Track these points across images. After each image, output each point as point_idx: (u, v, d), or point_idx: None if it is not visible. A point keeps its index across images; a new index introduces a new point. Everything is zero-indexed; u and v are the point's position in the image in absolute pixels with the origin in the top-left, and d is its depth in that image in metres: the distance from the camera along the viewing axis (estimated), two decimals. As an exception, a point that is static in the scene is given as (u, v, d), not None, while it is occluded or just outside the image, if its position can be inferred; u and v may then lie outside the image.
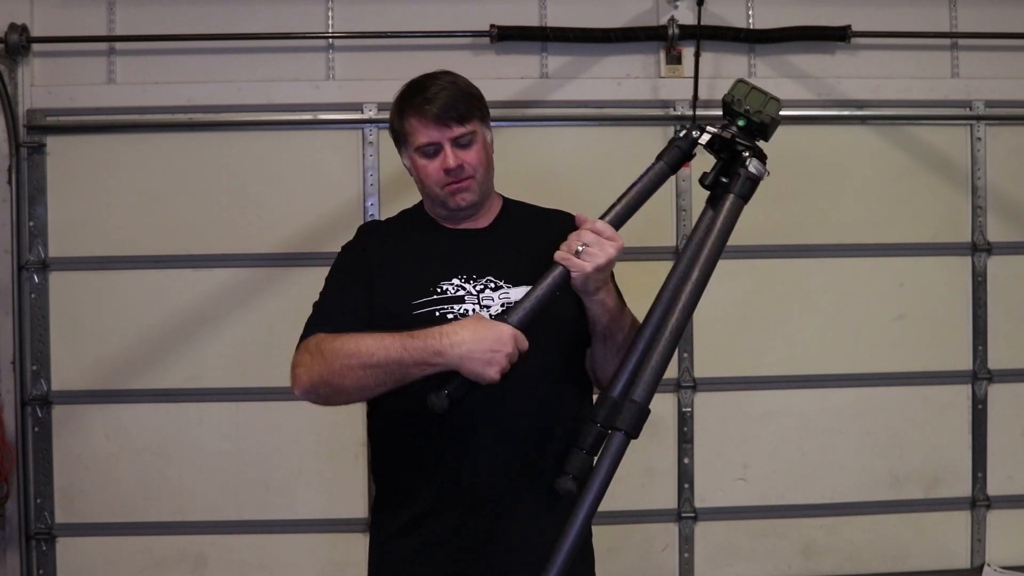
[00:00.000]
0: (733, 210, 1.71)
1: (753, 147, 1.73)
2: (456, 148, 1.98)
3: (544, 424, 1.95)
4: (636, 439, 1.64)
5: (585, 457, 1.69)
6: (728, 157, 1.75)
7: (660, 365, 1.65)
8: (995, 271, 3.78)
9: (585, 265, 1.76)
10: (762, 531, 3.76)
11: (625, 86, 3.68)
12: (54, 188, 3.59)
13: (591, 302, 1.86)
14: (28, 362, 3.58)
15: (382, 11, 3.64)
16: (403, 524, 1.99)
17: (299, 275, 3.57)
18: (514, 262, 1.98)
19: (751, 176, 1.71)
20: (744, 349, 3.73)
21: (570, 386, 2.02)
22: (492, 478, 1.92)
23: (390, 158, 3.59)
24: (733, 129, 1.74)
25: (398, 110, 2.04)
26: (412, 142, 2.01)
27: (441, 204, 2.03)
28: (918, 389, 3.78)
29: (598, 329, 1.91)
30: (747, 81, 1.75)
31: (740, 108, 1.73)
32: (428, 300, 1.94)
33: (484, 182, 2.02)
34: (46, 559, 3.59)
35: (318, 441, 3.63)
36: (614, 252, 1.78)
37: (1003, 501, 3.79)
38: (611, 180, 3.58)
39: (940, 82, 3.76)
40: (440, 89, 1.99)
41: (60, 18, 3.56)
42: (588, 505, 1.60)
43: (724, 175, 1.75)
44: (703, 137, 1.75)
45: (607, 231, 1.78)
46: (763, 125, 1.73)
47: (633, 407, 1.62)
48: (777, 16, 3.70)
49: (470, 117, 1.99)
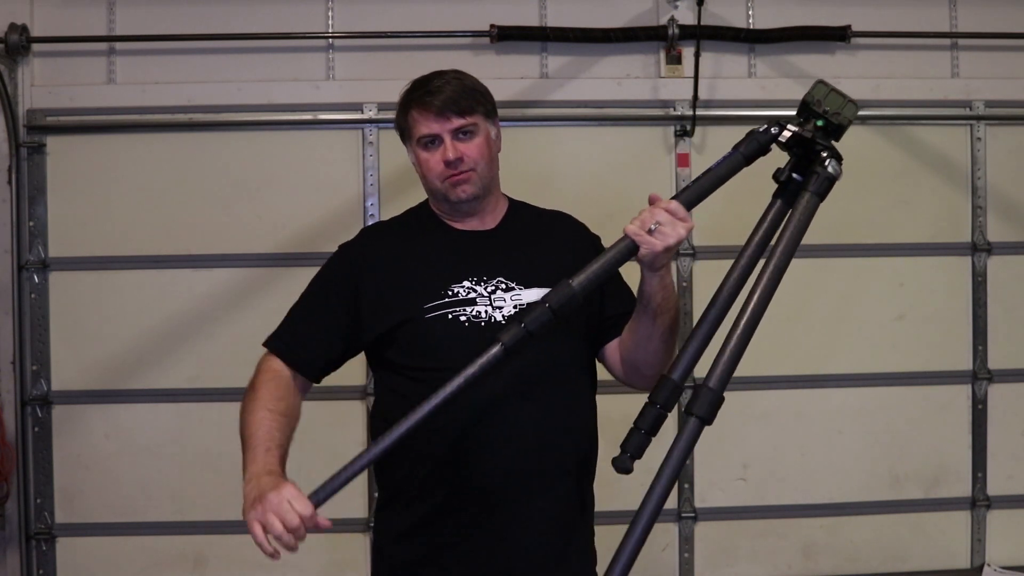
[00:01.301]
0: (811, 207, 1.74)
1: (831, 148, 1.75)
2: (456, 140, 1.98)
3: (556, 423, 1.95)
4: (710, 425, 1.65)
5: (643, 437, 1.68)
6: (802, 155, 1.76)
7: (737, 354, 1.67)
8: (995, 271, 3.78)
9: (656, 243, 1.76)
10: (762, 531, 3.76)
11: (625, 86, 3.68)
12: (54, 188, 3.59)
13: (652, 277, 1.85)
14: (28, 362, 3.58)
15: (382, 11, 3.64)
16: (410, 525, 1.98)
17: (299, 275, 3.52)
18: (523, 263, 1.98)
19: (830, 176, 1.74)
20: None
21: (583, 385, 2.02)
22: (503, 478, 1.91)
23: (390, 158, 3.61)
24: (811, 129, 1.75)
25: (402, 104, 2.05)
26: (414, 134, 2.02)
27: (443, 198, 2.03)
28: (918, 389, 3.78)
29: (651, 306, 1.89)
30: (826, 82, 1.76)
31: (819, 109, 1.74)
32: (439, 303, 1.94)
33: (486, 176, 2.02)
34: (46, 559, 3.59)
35: (318, 441, 3.62)
36: (685, 233, 1.77)
37: (1003, 501, 3.79)
38: (611, 180, 3.63)
39: (940, 82, 3.76)
40: (444, 84, 2.01)
41: (60, 18, 3.56)
42: (661, 488, 1.60)
43: (797, 171, 1.77)
44: (784, 134, 1.75)
45: (681, 212, 1.77)
46: (840, 127, 1.75)
47: (710, 394, 1.64)
48: (777, 16, 3.70)
49: (472, 111, 2.00)
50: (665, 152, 3.69)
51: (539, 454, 1.93)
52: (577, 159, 3.68)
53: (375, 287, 2.00)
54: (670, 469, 1.61)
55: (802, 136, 1.75)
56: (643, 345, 1.94)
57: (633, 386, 2.02)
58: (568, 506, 1.98)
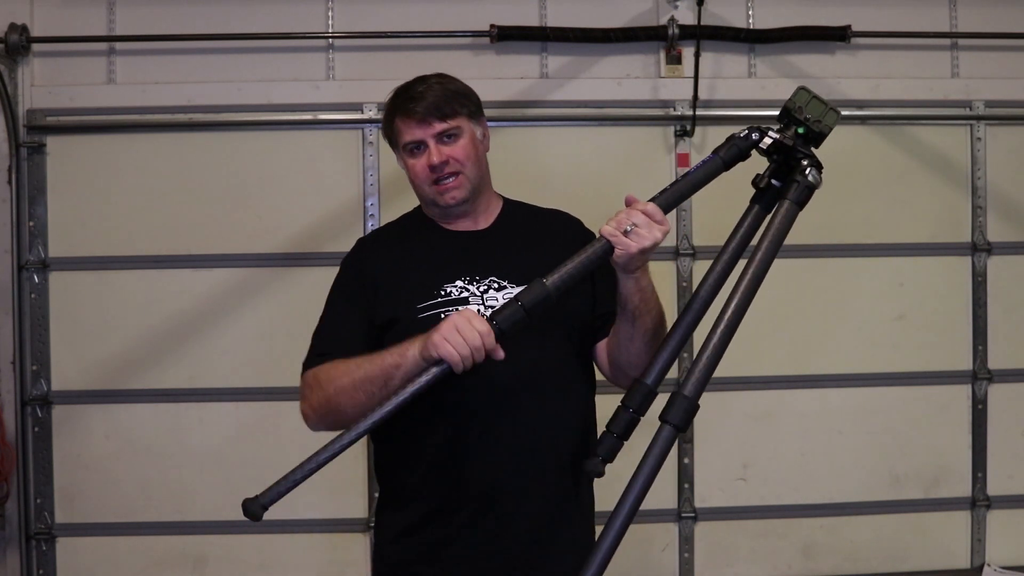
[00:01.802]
0: (790, 215, 1.71)
1: (811, 155, 1.74)
2: (440, 144, 1.99)
3: (554, 421, 1.95)
4: (684, 433, 1.64)
5: (615, 441, 1.68)
6: (782, 161, 1.75)
7: (712, 362, 1.64)
8: (995, 271, 3.78)
9: (632, 245, 1.76)
10: (762, 531, 3.76)
11: (625, 86, 3.68)
12: (54, 188, 3.59)
13: (627, 279, 1.85)
14: (28, 362, 3.57)
15: (382, 11, 3.64)
16: (409, 524, 1.98)
17: (299, 275, 3.57)
18: (516, 262, 1.99)
19: (810, 185, 1.72)
20: (744, 349, 3.69)
21: (579, 383, 2.03)
22: (502, 477, 1.92)
23: (390, 158, 3.57)
24: (792, 136, 1.74)
25: (387, 113, 2.07)
26: (399, 142, 2.04)
27: (432, 203, 2.05)
28: (918, 389, 3.78)
29: (628, 308, 1.89)
30: (808, 89, 1.75)
31: (801, 116, 1.73)
32: (432, 303, 1.95)
33: (474, 177, 2.03)
34: (46, 559, 3.59)
35: (318, 441, 3.62)
36: (661, 236, 1.78)
37: (1003, 501, 3.79)
38: (611, 180, 3.63)
39: (940, 82, 3.76)
40: (426, 89, 2.01)
41: (60, 18, 3.56)
42: (634, 498, 1.60)
43: (776, 178, 1.76)
44: (764, 141, 1.74)
45: (658, 214, 1.77)
46: (820, 135, 1.74)
47: (685, 402, 1.62)
48: (777, 16, 3.70)
49: (454, 114, 2.01)
50: (665, 152, 3.69)
51: (532, 453, 1.93)
52: (577, 159, 3.68)
53: (377, 290, 2.01)
54: (643, 477, 1.60)
55: (782, 143, 1.73)
56: (625, 347, 1.95)
57: (620, 386, 2.02)
58: (564, 505, 1.98)
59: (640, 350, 1.91)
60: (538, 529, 1.94)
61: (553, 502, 1.95)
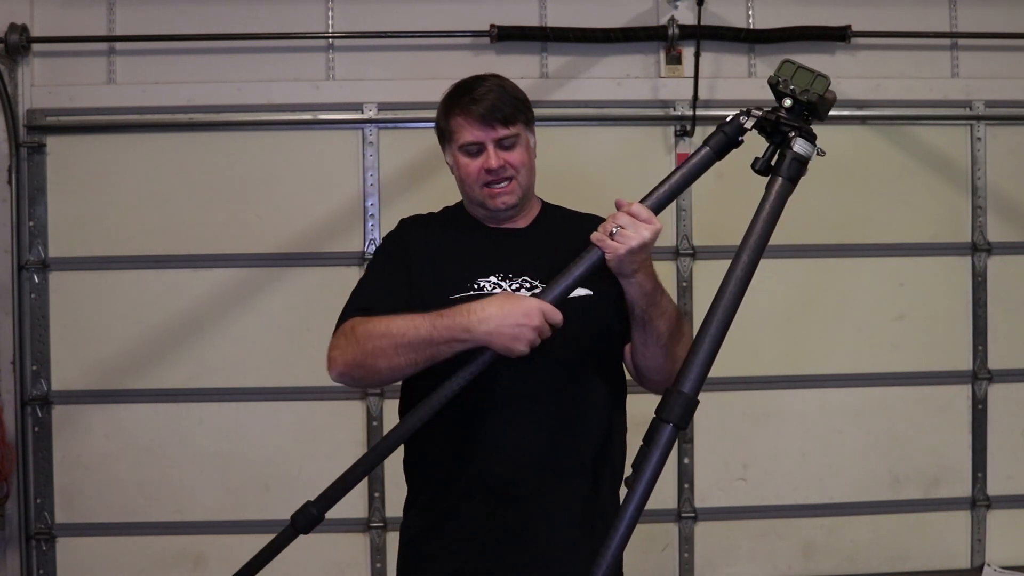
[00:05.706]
0: (781, 193, 1.68)
1: (800, 127, 1.69)
2: (499, 149, 2.00)
3: (574, 419, 1.96)
4: (684, 430, 1.62)
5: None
6: (779, 140, 1.72)
7: (707, 356, 1.63)
8: (995, 271, 3.78)
9: (618, 247, 1.76)
10: (762, 531, 3.76)
11: (625, 86, 3.68)
12: (54, 188, 3.60)
13: (628, 284, 1.85)
14: (28, 362, 3.58)
15: (382, 11, 3.64)
16: (432, 521, 2.01)
17: (299, 275, 3.57)
18: (550, 263, 1.99)
19: (797, 156, 1.67)
20: (744, 349, 3.72)
21: (602, 383, 2.02)
22: (521, 473, 1.93)
23: (390, 158, 3.61)
24: (780, 111, 1.71)
25: (445, 108, 2.06)
26: (456, 140, 2.03)
27: (480, 204, 2.05)
28: (918, 389, 3.79)
29: (636, 313, 1.89)
30: (793, 60, 1.72)
31: (785, 88, 1.71)
32: (465, 296, 1.95)
33: (525, 185, 2.05)
34: (46, 559, 3.59)
35: (318, 441, 3.63)
36: (648, 235, 1.77)
37: (1003, 501, 3.80)
38: (611, 180, 3.63)
39: (940, 82, 3.76)
40: (487, 91, 2.01)
41: (60, 18, 3.57)
42: (637, 499, 1.58)
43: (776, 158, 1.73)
44: (748, 121, 1.71)
45: (643, 213, 1.77)
46: (811, 104, 1.70)
47: (683, 398, 1.61)
48: (777, 16, 3.70)
49: (515, 120, 2.01)
50: (665, 152, 3.69)
51: (552, 451, 1.94)
52: (577, 159, 3.67)
53: (411, 271, 2.02)
54: (646, 479, 1.58)
55: (768, 119, 1.71)
56: (641, 352, 1.95)
57: (646, 389, 2.03)
58: (586, 502, 1.98)
59: (656, 354, 1.92)
60: (557, 526, 1.95)
61: (572, 499, 1.95)
